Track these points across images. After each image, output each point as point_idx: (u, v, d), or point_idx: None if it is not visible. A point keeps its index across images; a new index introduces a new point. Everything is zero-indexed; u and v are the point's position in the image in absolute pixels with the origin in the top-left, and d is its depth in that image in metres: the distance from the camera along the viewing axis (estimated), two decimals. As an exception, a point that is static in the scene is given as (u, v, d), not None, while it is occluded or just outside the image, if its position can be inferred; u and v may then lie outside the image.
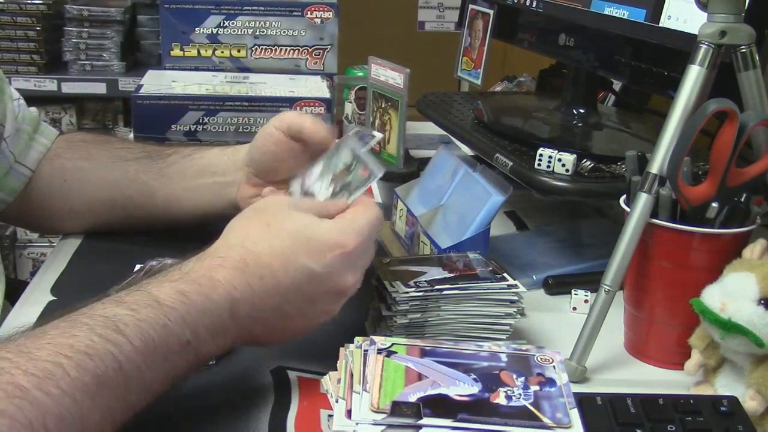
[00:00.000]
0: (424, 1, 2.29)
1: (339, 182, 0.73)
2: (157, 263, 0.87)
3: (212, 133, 1.18)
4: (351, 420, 0.57)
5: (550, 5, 1.04)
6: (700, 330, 0.70)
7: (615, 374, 0.75)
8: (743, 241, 0.72)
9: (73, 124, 2.47)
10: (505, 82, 1.65)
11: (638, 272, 0.75)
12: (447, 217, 0.91)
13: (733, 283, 0.66)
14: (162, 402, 0.66)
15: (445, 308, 0.72)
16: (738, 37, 0.71)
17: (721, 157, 0.70)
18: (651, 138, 0.84)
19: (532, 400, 0.58)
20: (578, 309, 0.85)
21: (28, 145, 0.93)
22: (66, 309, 0.58)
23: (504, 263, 0.78)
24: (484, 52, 1.16)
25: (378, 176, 0.71)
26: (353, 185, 0.71)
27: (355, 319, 0.79)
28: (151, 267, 0.86)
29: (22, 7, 2.32)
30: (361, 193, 0.71)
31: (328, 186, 0.73)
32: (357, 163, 0.73)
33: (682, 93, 0.71)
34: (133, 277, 0.84)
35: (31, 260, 2.50)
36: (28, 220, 0.98)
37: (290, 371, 0.72)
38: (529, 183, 0.89)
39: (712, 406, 0.62)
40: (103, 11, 2.35)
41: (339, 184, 0.73)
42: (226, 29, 1.32)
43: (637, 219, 0.71)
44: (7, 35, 2.33)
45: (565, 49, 1.04)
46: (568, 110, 1.08)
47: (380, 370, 0.61)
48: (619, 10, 0.90)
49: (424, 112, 1.21)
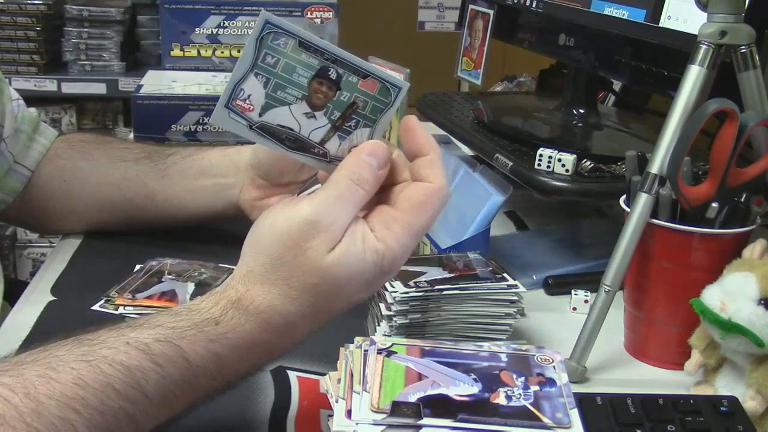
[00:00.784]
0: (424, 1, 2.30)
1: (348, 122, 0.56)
2: (157, 263, 0.87)
3: (212, 133, 1.18)
4: (351, 420, 0.56)
5: (550, 5, 1.04)
6: (700, 330, 0.70)
7: (615, 374, 0.75)
8: (743, 241, 0.72)
9: (73, 125, 2.47)
10: (505, 82, 1.65)
11: (638, 272, 0.75)
12: (447, 217, 0.91)
13: (733, 283, 0.66)
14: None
15: (445, 308, 0.72)
16: (738, 37, 0.71)
17: (721, 157, 0.70)
18: (651, 138, 0.84)
19: (532, 400, 0.58)
20: (578, 309, 0.85)
21: (27, 146, 0.93)
22: (77, 331, 0.54)
23: (504, 263, 0.78)
24: (484, 52, 1.16)
25: (403, 89, 0.56)
26: (368, 113, 0.56)
27: (355, 319, 0.79)
28: (151, 267, 0.86)
29: (22, 7, 2.32)
30: (388, 121, 0.57)
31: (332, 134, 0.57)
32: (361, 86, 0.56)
33: (682, 93, 0.71)
34: (132, 277, 0.84)
35: (31, 260, 2.50)
36: (27, 220, 0.98)
37: (290, 371, 0.72)
38: (529, 183, 0.89)
39: (712, 406, 0.62)
40: (103, 11, 2.35)
41: (350, 123, 0.56)
42: (226, 29, 1.32)
43: (637, 219, 0.71)
44: (7, 35, 2.33)
45: (565, 49, 1.04)
46: (568, 110, 1.08)
47: (380, 370, 0.61)
48: (619, 10, 0.90)
49: (424, 112, 1.21)
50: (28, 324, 0.77)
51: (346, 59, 0.55)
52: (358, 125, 0.57)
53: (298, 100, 0.55)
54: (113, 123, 2.53)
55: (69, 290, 0.85)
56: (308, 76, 0.54)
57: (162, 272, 0.85)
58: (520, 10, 1.11)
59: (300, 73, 0.54)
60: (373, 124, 0.57)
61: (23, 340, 0.74)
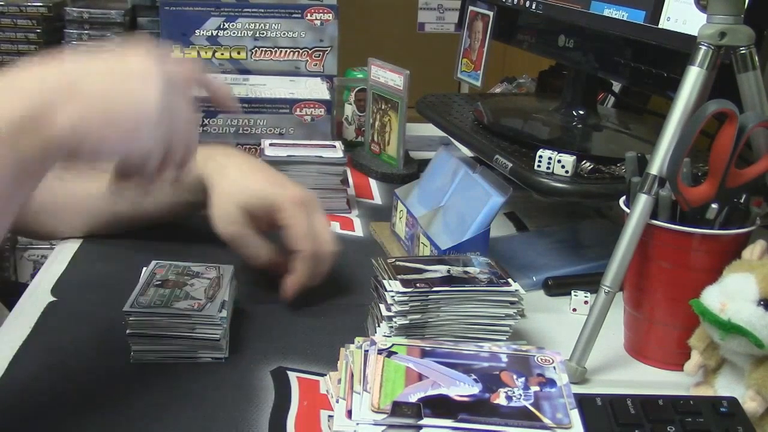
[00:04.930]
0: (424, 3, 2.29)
1: None
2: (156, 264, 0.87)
3: (212, 134, 1.18)
4: (351, 420, 0.57)
5: (550, 7, 1.04)
6: (699, 331, 0.70)
7: (615, 375, 0.75)
8: (743, 242, 0.72)
9: (73, 126, 2.47)
10: (505, 84, 1.65)
11: (638, 273, 0.75)
12: (447, 218, 0.91)
13: (732, 283, 0.66)
14: (162, 401, 0.67)
15: (445, 309, 0.72)
16: (737, 38, 0.71)
17: (720, 158, 0.70)
18: (651, 139, 0.84)
19: (532, 401, 0.58)
20: (578, 310, 0.85)
21: None
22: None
23: (504, 264, 0.78)
24: (484, 54, 1.16)
25: None
26: None
27: (355, 319, 0.79)
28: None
29: (23, 9, 2.32)
30: None
31: None
32: None
33: (681, 94, 0.71)
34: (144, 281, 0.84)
35: (31, 262, 2.50)
36: (21, 225, 0.98)
37: (290, 372, 0.72)
38: (528, 184, 0.89)
39: (711, 407, 0.62)
40: (103, 13, 2.36)
41: None
42: (226, 31, 1.32)
43: (636, 220, 0.72)
44: (7, 37, 2.34)
45: (564, 50, 1.04)
46: (567, 111, 1.08)
47: (381, 371, 0.61)
48: (619, 12, 0.91)
49: (423, 114, 1.21)
50: (28, 324, 0.77)
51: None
52: None
53: None
54: (113, 124, 2.53)
55: (69, 291, 0.85)
56: None
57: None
58: (520, 11, 1.11)
59: None
60: None
61: (23, 341, 0.75)
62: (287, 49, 1.34)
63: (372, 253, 0.92)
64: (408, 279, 0.73)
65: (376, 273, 0.75)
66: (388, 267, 0.75)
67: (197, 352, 0.72)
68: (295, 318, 0.82)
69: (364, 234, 1.04)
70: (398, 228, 0.98)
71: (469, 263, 0.77)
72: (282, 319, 0.81)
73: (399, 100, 1.21)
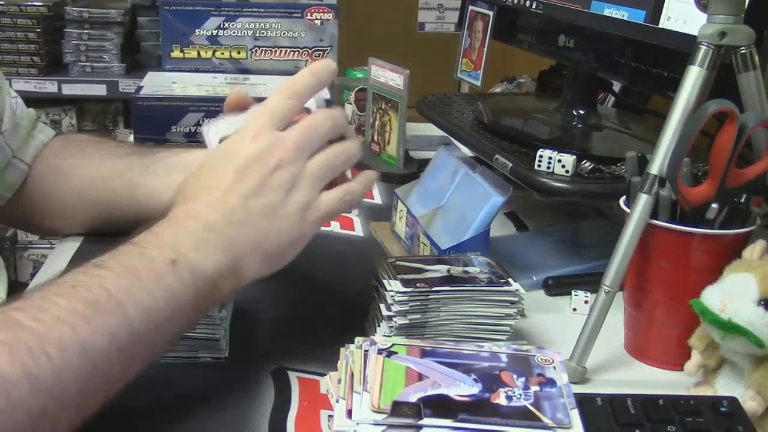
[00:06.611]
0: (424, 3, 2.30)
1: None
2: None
3: (212, 134, 1.18)
4: (351, 420, 0.57)
5: (550, 6, 1.04)
6: (700, 331, 0.70)
7: (615, 375, 0.75)
8: (743, 242, 0.72)
9: (74, 126, 2.47)
10: (505, 83, 1.65)
11: (638, 273, 0.75)
12: (447, 218, 0.91)
13: (732, 283, 0.66)
14: (162, 401, 0.67)
15: (445, 309, 0.72)
16: (738, 38, 0.71)
17: (720, 158, 0.70)
18: (651, 139, 0.84)
19: (532, 401, 0.58)
20: (578, 310, 0.85)
21: (26, 141, 0.93)
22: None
23: (504, 264, 0.78)
24: (484, 53, 1.16)
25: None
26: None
27: (355, 319, 0.79)
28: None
29: (23, 8, 2.33)
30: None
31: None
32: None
33: (681, 94, 0.71)
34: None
35: (31, 262, 2.51)
36: (20, 220, 0.98)
37: (290, 371, 0.72)
38: (528, 184, 0.89)
39: (712, 407, 0.62)
40: (103, 13, 2.36)
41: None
42: (226, 31, 1.33)
43: (636, 220, 0.72)
44: (7, 37, 2.34)
45: (564, 50, 1.04)
46: (567, 111, 1.08)
47: (381, 371, 0.61)
48: (619, 11, 0.91)
49: (423, 113, 1.21)
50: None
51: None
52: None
53: None
54: (113, 124, 2.54)
55: (69, 291, 0.85)
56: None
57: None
58: (520, 11, 1.11)
59: None
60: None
61: (24, 341, 0.74)
62: (287, 49, 1.34)
63: (372, 253, 0.92)
64: (408, 279, 0.73)
65: (376, 273, 0.75)
66: (388, 267, 0.75)
67: (197, 352, 0.72)
68: (295, 318, 0.82)
69: (364, 234, 1.04)
70: (398, 228, 0.98)
71: (470, 263, 0.77)
72: (282, 319, 0.81)
73: (399, 99, 1.21)
